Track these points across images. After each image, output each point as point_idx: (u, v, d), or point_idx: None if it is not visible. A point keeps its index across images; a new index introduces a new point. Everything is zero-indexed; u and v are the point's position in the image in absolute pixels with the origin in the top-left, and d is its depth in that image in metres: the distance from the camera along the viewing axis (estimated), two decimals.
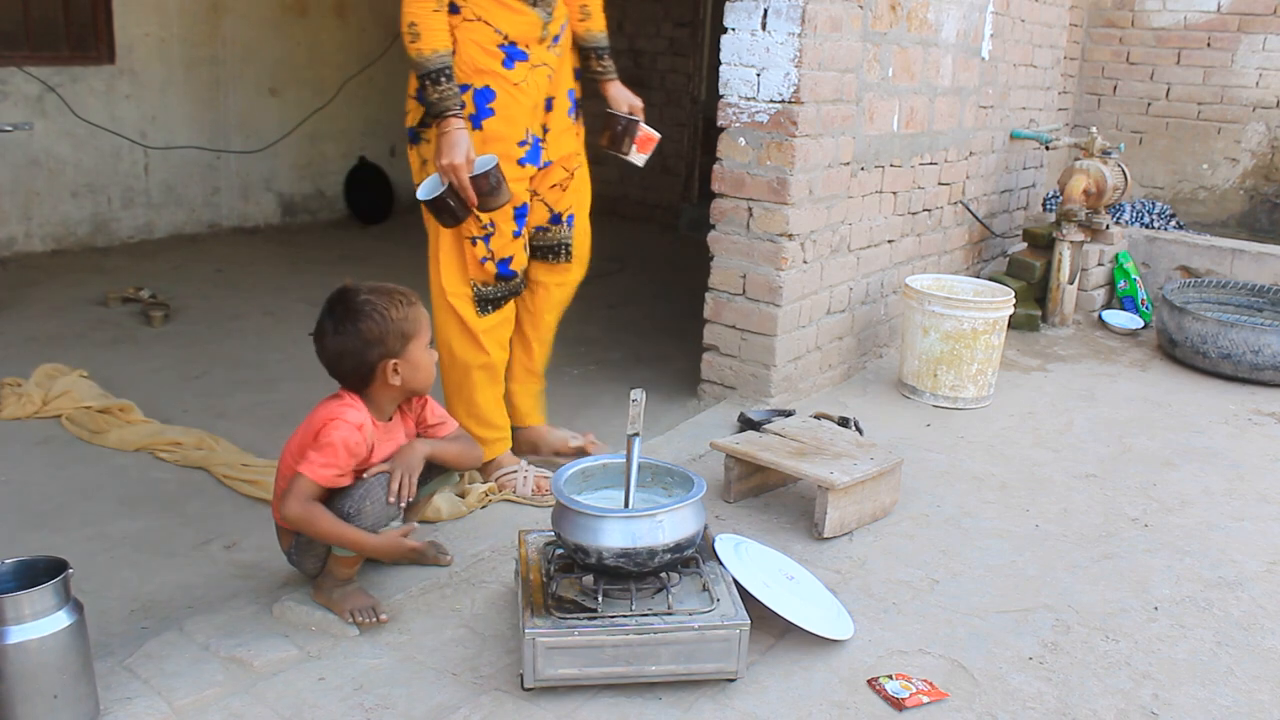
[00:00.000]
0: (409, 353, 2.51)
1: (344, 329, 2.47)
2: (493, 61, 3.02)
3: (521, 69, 3.06)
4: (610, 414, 4.15)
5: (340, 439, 2.43)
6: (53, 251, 6.32)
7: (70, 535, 3.03)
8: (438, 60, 2.92)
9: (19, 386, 3.96)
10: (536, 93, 3.12)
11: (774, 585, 2.59)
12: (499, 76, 3.03)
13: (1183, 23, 7.53)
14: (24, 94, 6.04)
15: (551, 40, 3.14)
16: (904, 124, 4.64)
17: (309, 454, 2.44)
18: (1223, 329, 4.92)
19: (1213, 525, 3.44)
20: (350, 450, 2.45)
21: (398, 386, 2.53)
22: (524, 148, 3.12)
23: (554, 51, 3.17)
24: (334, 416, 2.46)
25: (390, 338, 2.47)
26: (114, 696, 2.24)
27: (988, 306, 4.35)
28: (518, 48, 3.04)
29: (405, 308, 2.51)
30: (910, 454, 3.76)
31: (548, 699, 2.33)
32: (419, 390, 2.62)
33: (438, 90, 2.93)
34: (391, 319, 2.47)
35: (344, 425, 2.45)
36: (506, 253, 3.20)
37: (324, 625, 2.53)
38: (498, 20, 3.00)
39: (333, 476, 2.43)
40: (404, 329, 2.50)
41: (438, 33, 2.93)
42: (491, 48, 3.01)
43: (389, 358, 2.48)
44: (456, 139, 2.92)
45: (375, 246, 7.06)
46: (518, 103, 3.07)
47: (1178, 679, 2.56)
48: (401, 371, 2.51)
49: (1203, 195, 7.72)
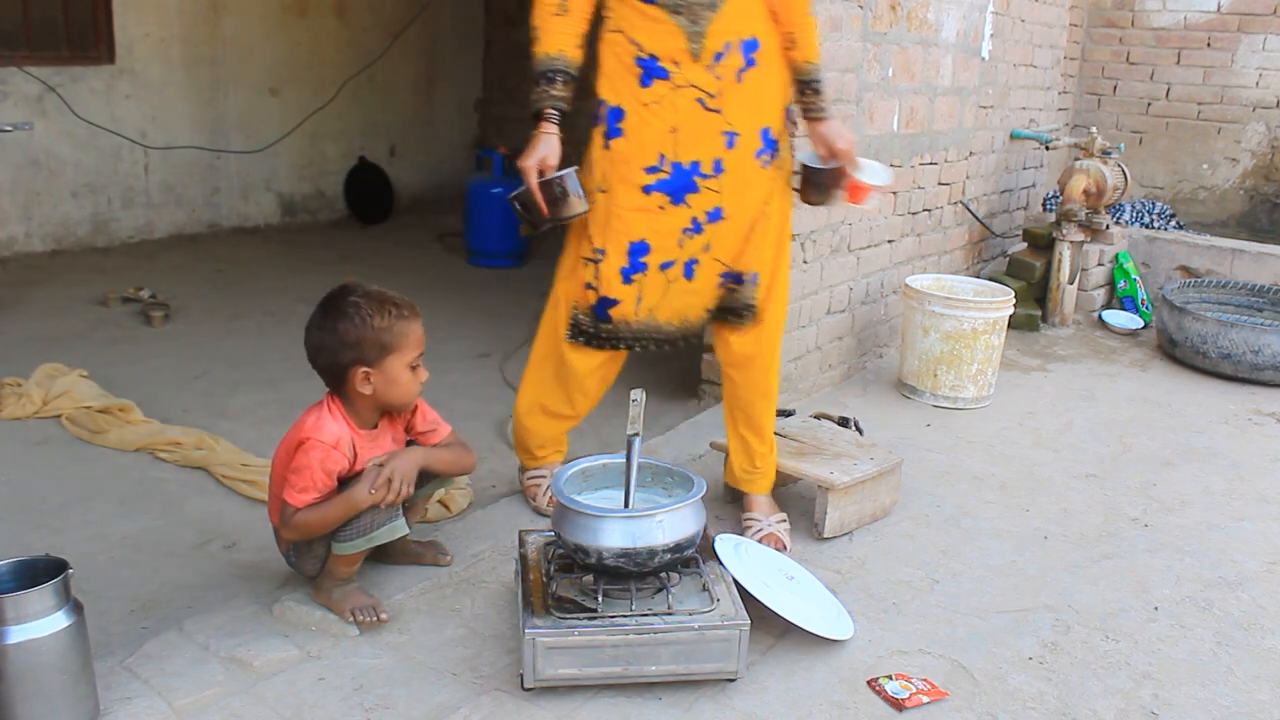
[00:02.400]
0: (385, 365, 2.46)
1: (325, 325, 2.46)
2: (629, 77, 2.80)
3: (660, 88, 2.77)
4: (610, 414, 4.14)
5: (316, 460, 2.43)
6: (53, 251, 6.31)
7: (70, 535, 3.03)
8: (547, 62, 2.86)
9: (19, 386, 3.95)
10: (674, 116, 2.77)
11: (774, 585, 2.59)
12: (631, 95, 2.81)
13: (1183, 23, 7.53)
14: (24, 94, 6.03)
15: (712, 59, 2.74)
16: (904, 124, 4.64)
17: (289, 478, 2.44)
18: (1223, 329, 4.92)
19: (1213, 525, 3.44)
20: (326, 470, 2.44)
21: (369, 396, 2.49)
22: (652, 175, 2.82)
23: (714, 73, 2.75)
24: (308, 436, 2.44)
25: (366, 345, 2.43)
26: (114, 696, 2.23)
27: (988, 306, 4.35)
28: (658, 64, 2.75)
29: (392, 319, 2.45)
30: (910, 454, 3.76)
31: (548, 699, 2.33)
32: (394, 406, 2.57)
33: (538, 91, 2.87)
34: (373, 326, 2.43)
35: (317, 446, 2.43)
36: (611, 292, 2.90)
37: (324, 625, 2.53)
38: (636, 32, 2.76)
39: (314, 497, 2.44)
40: (384, 339, 2.44)
41: (554, 35, 2.84)
42: (629, 61, 2.79)
43: (360, 364, 2.44)
44: (538, 142, 2.86)
45: (375, 246, 7.06)
46: (649, 125, 2.80)
47: (1178, 679, 2.56)
48: (374, 382, 2.46)
49: (1203, 195, 7.72)
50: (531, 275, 6.45)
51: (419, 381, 2.55)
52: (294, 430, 2.51)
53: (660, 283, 2.90)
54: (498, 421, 4.02)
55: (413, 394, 2.55)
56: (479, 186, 6.58)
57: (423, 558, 2.83)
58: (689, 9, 2.70)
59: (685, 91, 2.76)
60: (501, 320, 5.41)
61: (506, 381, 4.49)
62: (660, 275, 2.90)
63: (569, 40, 2.84)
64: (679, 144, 2.80)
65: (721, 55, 2.74)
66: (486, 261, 6.65)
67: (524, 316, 5.48)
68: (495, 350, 4.93)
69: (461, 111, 8.84)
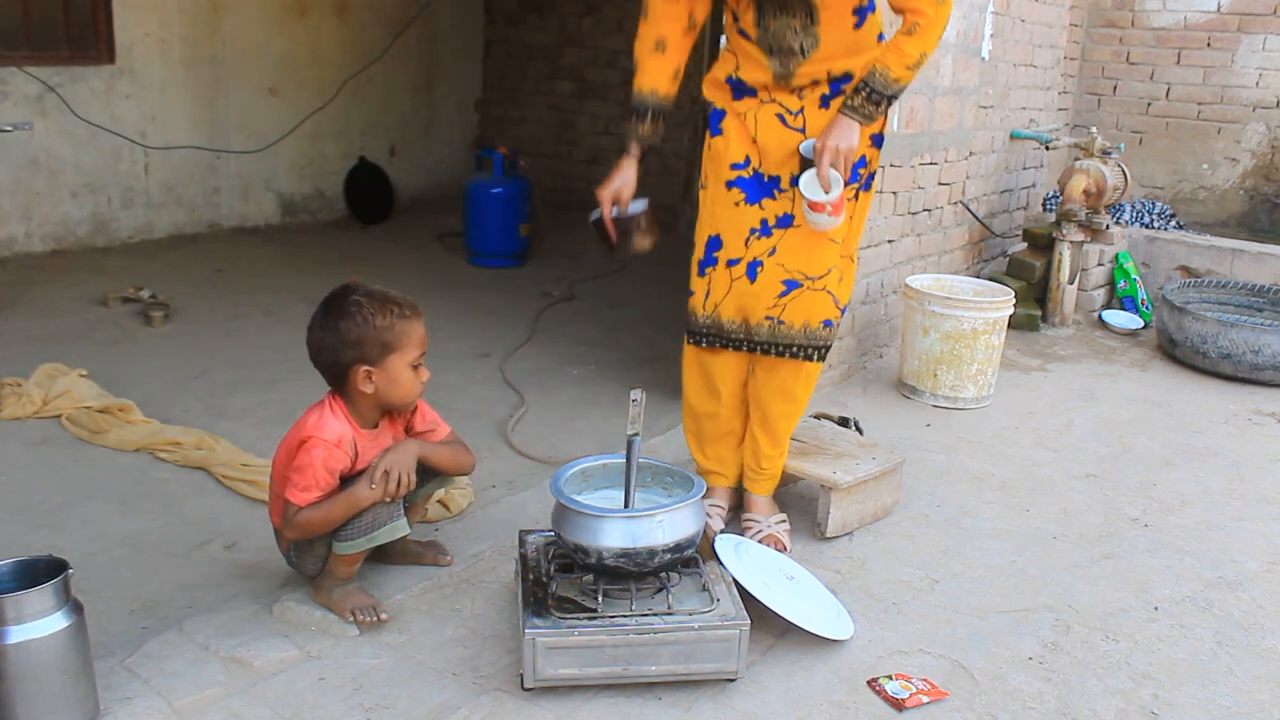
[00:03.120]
0: (387, 364, 2.47)
1: (327, 324, 2.46)
2: (726, 88, 2.95)
3: (749, 102, 2.91)
4: (610, 414, 4.15)
5: (318, 459, 2.43)
6: (53, 251, 6.31)
7: (70, 535, 3.03)
8: (638, 98, 2.93)
9: (19, 386, 3.95)
10: (757, 129, 2.89)
11: (774, 585, 2.59)
12: (727, 102, 2.96)
13: (1183, 23, 7.53)
14: (24, 94, 6.03)
15: (794, 91, 2.87)
16: (904, 124, 4.64)
17: (291, 477, 2.44)
18: (1223, 329, 4.92)
19: (1213, 525, 3.44)
20: (329, 468, 2.44)
21: (370, 395, 2.49)
22: (735, 171, 2.93)
23: (799, 95, 2.86)
24: (310, 434, 2.44)
25: (368, 343, 2.44)
26: (114, 696, 2.24)
27: (988, 306, 4.35)
28: (746, 85, 2.91)
29: (394, 318, 2.46)
30: (910, 454, 3.76)
31: (548, 699, 2.33)
32: (396, 405, 2.57)
33: (627, 125, 2.95)
34: (374, 325, 2.43)
35: (320, 445, 2.44)
36: (690, 285, 3.03)
37: (324, 625, 2.53)
38: (739, 55, 2.92)
39: (316, 496, 2.44)
40: (386, 339, 2.45)
41: (649, 72, 2.92)
42: (721, 78, 2.96)
43: (362, 363, 2.45)
44: (616, 174, 2.91)
45: (375, 246, 7.06)
46: (740, 128, 2.92)
47: (1178, 679, 2.56)
48: (376, 381, 2.47)
49: (1203, 195, 7.72)
50: (531, 275, 6.46)
51: (421, 381, 2.55)
52: (295, 430, 2.51)
53: (724, 279, 2.97)
54: (498, 421, 4.02)
55: (415, 393, 2.56)
56: (479, 186, 6.58)
57: (423, 558, 2.83)
58: (780, 53, 2.83)
59: (769, 107, 2.89)
60: (502, 320, 5.41)
61: (507, 381, 4.50)
62: (725, 272, 2.96)
63: (663, 77, 2.93)
64: (762, 156, 2.91)
65: (805, 90, 2.87)
66: (486, 261, 6.65)
67: (524, 316, 5.49)
68: (495, 350, 4.93)
69: (461, 111, 8.85)
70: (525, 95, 8.83)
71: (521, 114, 8.88)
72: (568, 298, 5.99)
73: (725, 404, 3.13)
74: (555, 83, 8.63)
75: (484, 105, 9.01)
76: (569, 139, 8.67)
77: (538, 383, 4.50)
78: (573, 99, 8.56)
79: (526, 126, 8.82)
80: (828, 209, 2.78)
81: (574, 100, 8.56)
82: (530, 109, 8.82)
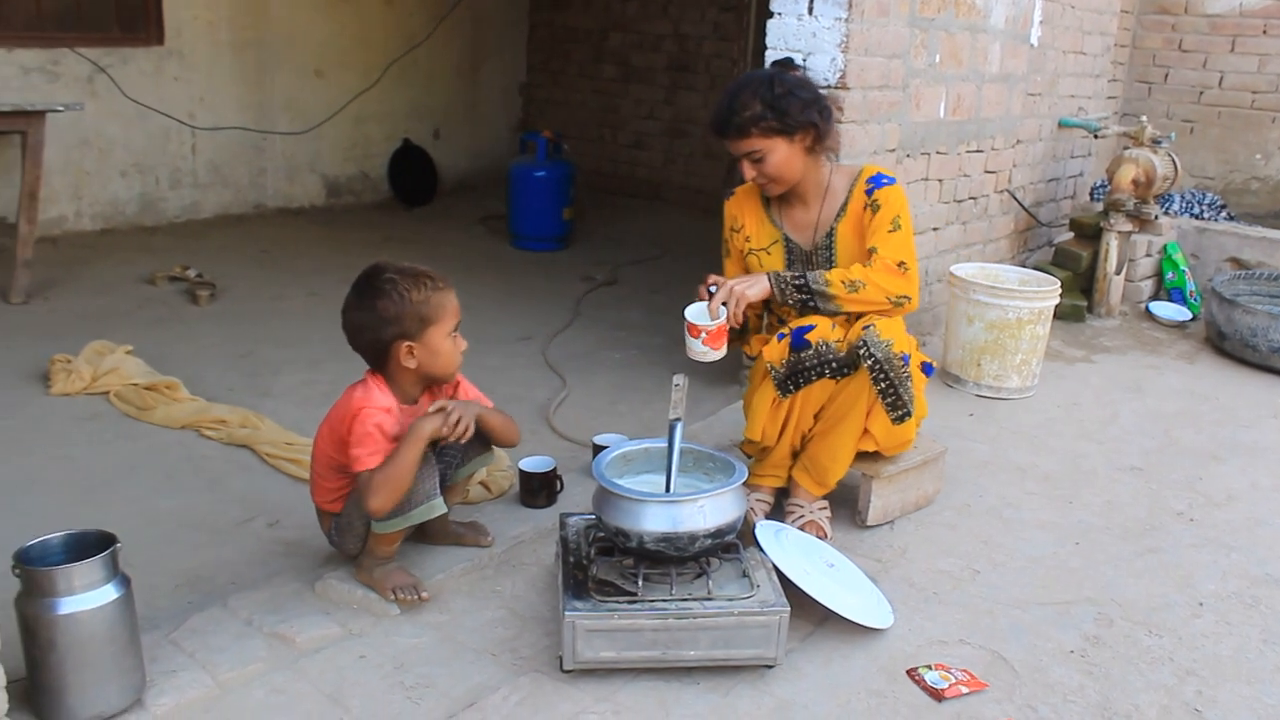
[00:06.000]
0: (427, 337, 2.49)
1: (364, 304, 2.49)
2: None
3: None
4: (652, 398, 4.15)
5: (374, 425, 2.45)
6: (102, 230, 6.40)
7: (117, 510, 3.08)
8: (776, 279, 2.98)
9: (69, 363, 4.01)
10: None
11: (814, 572, 2.59)
12: None
13: (1238, 9, 7.39)
14: (75, 74, 6.11)
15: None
16: (951, 111, 4.59)
17: (353, 452, 2.45)
18: (1274, 322, 4.84)
19: (1260, 521, 3.39)
20: (385, 432, 2.46)
21: (413, 370, 2.52)
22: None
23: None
24: (361, 407, 2.46)
25: (407, 319, 2.46)
26: (160, 669, 2.27)
27: (1033, 296, 4.31)
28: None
29: (429, 291, 2.49)
30: (952, 443, 3.73)
31: (586, 681, 2.34)
32: (438, 377, 2.60)
33: (780, 284, 2.96)
34: (411, 300, 2.46)
35: (373, 411, 2.46)
36: None
37: (365, 603, 2.56)
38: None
39: (383, 459, 2.45)
40: (423, 312, 2.47)
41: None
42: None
43: (404, 339, 2.47)
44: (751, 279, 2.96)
45: (419, 228, 7.10)
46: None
47: (1222, 676, 2.53)
48: (417, 355, 2.49)
49: (1255, 186, 7.59)
50: (574, 259, 6.47)
51: (459, 350, 2.58)
52: (338, 408, 2.53)
53: None
54: (540, 405, 4.04)
55: (456, 362, 2.58)
56: (522, 170, 6.59)
57: (464, 539, 2.85)
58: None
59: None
60: (544, 304, 5.42)
61: (549, 365, 4.51)
62: None
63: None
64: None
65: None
66: (529, 245, 6.66)
67: (566, 300, 5.50)
68: (538, 334, 4.94)
69: (506, 95, 8.86)
70: (569, 79, 8.83)
71: (565, 97, 8.88)
72: (610, 282, 5.99)
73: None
74: (599, 66, 8.62)
75: (528, 89, 9.02)
76: (612, 123, 8.66)
77: (579, 366, 4.51)
78: (616, 83, 8.55)
79: (570, 110, 8.82)
80: (703, 335, 2.85)
81: (618, 84, 8.54)
82: (574, 92, 8.81)
